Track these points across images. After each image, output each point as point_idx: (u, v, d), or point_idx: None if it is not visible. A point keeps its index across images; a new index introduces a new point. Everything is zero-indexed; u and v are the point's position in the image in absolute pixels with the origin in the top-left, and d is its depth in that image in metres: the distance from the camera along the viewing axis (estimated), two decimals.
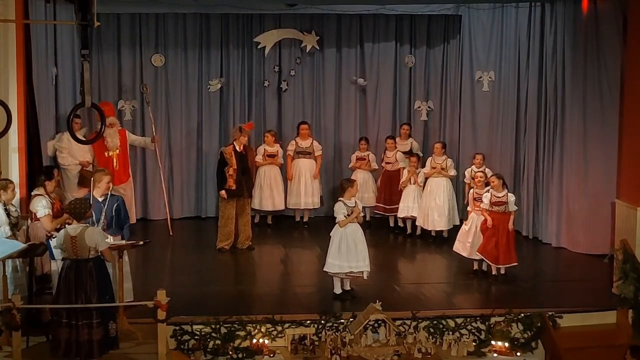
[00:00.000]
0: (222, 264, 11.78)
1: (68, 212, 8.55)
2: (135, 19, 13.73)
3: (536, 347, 9.43)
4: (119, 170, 12.59)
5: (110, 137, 12.50)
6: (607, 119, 11.59)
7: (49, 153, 12.43)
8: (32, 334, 8.42)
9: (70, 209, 8.40)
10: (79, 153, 12.39)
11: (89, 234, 8.17)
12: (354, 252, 10.02)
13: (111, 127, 12.45)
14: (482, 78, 13.87)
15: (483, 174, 11.55)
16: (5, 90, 9.79)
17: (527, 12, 12.94)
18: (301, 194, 13.45)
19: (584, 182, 11.90)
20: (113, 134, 12.56)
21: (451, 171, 12.75)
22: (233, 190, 11.98)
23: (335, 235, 10.10)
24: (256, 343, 9.01)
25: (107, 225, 9.22)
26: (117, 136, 12.64)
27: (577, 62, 11.90)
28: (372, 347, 9.08)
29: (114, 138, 12.58)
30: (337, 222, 10.06)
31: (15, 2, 9.83)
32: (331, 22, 14.21)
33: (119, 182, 12.39)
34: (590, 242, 11.88)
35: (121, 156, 12.71)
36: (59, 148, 12.31)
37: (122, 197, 9.89)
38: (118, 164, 12.63)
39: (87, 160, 12.47)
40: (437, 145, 12.91)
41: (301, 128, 13.55)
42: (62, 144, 12.31)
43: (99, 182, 9.50)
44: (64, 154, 12.32)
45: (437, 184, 12.66)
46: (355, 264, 10.04)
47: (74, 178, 12.39)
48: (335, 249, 10.05)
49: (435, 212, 12.57)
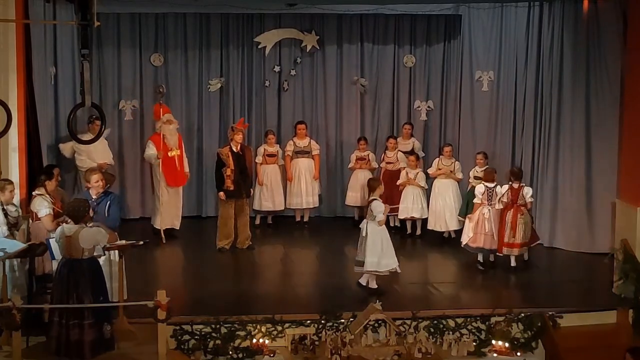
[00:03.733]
0: (222, 264, 11.78)
1: (67, 214, 8.51)
2: (135, 19, 13.72)
3: (536, 347, 9.44)
4: (180, 171, 12.57)
5: (169, 133, 12.37)
6: (607, 119, 11.59)
7: (67, 155, 12.45)
8: (32, 334, 8.41)
9: (69, 210, 8.37)
10: (98, 155, 12.31)
11: (84, 235, 8.13)
12: (388, 249, 10.29)
13: (169, 124, 12.38)
14: (482, 78, 13.86)
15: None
16: (5, 90, 9.80)
17: (527, 12, 12.94)
18: (302, 193, 13.45)
19: (584, 182, 11.90)
20: (172, 131, 12.43)
21: (458, 174, 12.76)
22: (231, 190, 11.97)
23: (374, 234, 10.22)
24: (256, 343, 9.02)
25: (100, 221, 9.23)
26: (175, 134, 12.52)
27: (577, 62, 11.90)
28: (372, 347, 9.08)
29: (173, 136, 12.43)
30: (378, 220, 10.20)
31: (15, 2, 9.85)
32: (331, 22, 14.20)
33: (181, 183, 12.54)
34: (589, 242, 11.88)
35: (180, 157, 12.61)
36: (78, 150, 12.26)
37: (116, 195, 9.86)
38: (179, 164, 12.56)
39: (105, 162, 12.39)
40: (446, 149, 12.94)
41: (298, 128, 13.55)
42: (80, 146, 12.21)
43: (87, 182, 9.50)
44: (82, 156, 12.25)
45: (444, 186, 12.70)
46: (392, 261, 10.30)
47: None
48: (378, 247, 10.20)
49: (447, 212, 12.61)
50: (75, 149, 12.27)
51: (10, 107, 8.59)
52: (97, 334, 8.14)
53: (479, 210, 11.48)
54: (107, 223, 9.31)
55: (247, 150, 12.48)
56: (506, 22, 13.47)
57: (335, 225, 13.91)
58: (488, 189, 11.48)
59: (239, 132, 12.25)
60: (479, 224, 11.45)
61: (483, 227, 11.41)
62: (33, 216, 9.56)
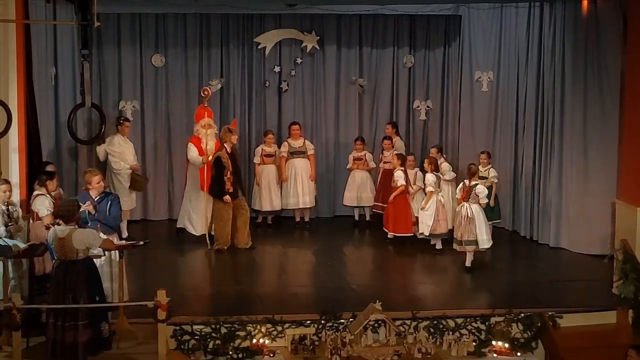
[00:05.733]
0: (222, 264, 11.78)
1: (57, 215, 8.52)
2: (135, 19, 13.72)
3: (536, 347, 9.44)
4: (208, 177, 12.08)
5: (206, 138, 12.11)
6: (607, 119, 11.59)
7: (100, 158, 12.50)
8: (32, 334, 8.41)
9: (59, 211, 8.39)
10: (130, 157, 12.35)
11: (77, 236, 8.09)
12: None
13: (208, 128, 12.16)
14: (482, 78, 13.87)
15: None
16: (5, 90, 9.80)
17: (527, 12, 12.94)
18: (298, 193, 13.44)
19: (584, 182, 11.90)
20: (210, 136, 12.13)
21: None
22: (231, 192, 11.93)
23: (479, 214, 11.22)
24: (256, 343, 9.01)
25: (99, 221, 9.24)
26: (213, 139, 12.19)
27: (576, 62, 11.90)
28: (372, 347, 9.08)
29: (210, 141, 12.12)
30: (482, 202, 11.26)
31: (15, 2, 9.85)
32: (331, 22, 14.21)
33: None
34: (590, 242, 11.88)
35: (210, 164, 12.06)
36: (111, 152, 12.29)
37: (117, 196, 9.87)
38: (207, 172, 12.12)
39: (136, 164, 12.42)
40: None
41: (292, 129, 13.54)
42: (114, 148, 12.28)
43: (89, 183, 9.51)
44: (116, 158, 12.29)
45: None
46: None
47: (125, 182, 12.33)
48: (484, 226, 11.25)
49: None
50: (109, 152, 12.30)
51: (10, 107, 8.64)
52: (92, 334, 8.08)
53: (433, 199, 11.81)
54: (108, 222, 9.34)
55: (235, 151, 12.34)
56: (506, 23, 13.48)
57: (335, 225, 13.92)
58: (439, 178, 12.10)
59: (236, 132, 12.20)
60: (439, 211, 11.86)
61: (441, 213, 11.90)
62: (34, 216, 9.56)
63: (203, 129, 12.18)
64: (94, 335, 8.12)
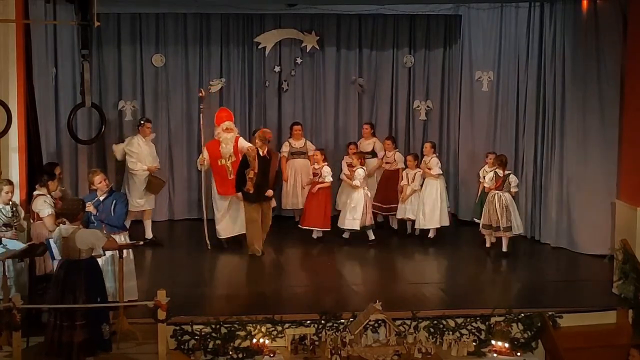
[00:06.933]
0: (222, 264, 11.78)
1: (61, 213, 8.52)
2: (135, 19, 13.72)
3: (536, 347, 9.44)
4: (234, 180, 11.84)
5: (225, 142, 11.97)
6: (607, 119, 11.59)
7: (117, 157, 12.44)
8: (32, 334, 8.41)
9: (63, 209, 8.39)
10: (148, 159, 12.27)
11: (80, 236, 8.10)
12: None
13: (228, 132, 12.00)
14: (482, 78, 13.87)
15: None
16: (5, 90, 9.79)
17: (527, 12, 12.94)
18: (298, 194, 13.42)
19: (584, 182, 11.90)
20: (229, 140, 11.98)
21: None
22: (250, 194, 11.67)
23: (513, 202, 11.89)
24: (256, 343, 9.01)
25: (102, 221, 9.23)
26: (232, 143, 12.00)
27: (577, 62, 11.90)
28: (372, 347, 9.08)
29: (228, 144, 11.96)
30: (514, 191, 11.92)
31: (15, 2, 9.84)
32: (331, 22, 14.21)
33: (230, 192, 11.97)
34: (590, 242, 11.88)
35: (236, 165, 11.86)
36: (129, 152, 12.21)
37: (123, 194, 9.85)
38: (233, 174, 11.89)
39: (155, 165, 12.35)
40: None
41: (294, 129, 13.53)
42: (132, 149, 12.19)
43: (91, 183, 9.50)
44: (133, 158, 12.19)
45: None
46: None
47: (141, 184, 12.21)
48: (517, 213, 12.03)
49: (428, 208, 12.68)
50: (127, 152, 12.23)
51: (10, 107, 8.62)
52: (90, 335, 8.06)
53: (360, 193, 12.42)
54: (111, 221, 9.35)
55: (274, 155, 12.08)
56: (506, 23, 13.47)
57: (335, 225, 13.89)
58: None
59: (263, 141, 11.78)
60: (367, 205, 12.48)
61: (369, 207, 12.51)
62: (34, 216, 9.56)
63: (224, 133, 12.02)
64: (92, 336, 8.09)
